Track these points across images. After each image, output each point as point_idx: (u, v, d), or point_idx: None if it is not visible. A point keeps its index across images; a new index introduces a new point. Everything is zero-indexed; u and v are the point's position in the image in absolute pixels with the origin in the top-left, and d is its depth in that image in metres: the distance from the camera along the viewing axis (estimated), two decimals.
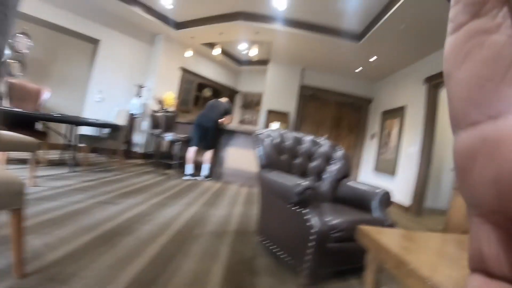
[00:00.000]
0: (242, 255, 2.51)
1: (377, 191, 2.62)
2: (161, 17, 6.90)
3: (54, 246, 2.05)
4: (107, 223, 2.65)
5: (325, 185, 2.99)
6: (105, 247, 2.17)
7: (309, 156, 3.09)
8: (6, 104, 4.59)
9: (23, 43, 5.52)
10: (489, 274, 0.16)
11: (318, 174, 3.05)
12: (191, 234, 2.76)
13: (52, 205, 2.84)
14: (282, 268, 2.35)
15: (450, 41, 0.17)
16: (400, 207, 5.87)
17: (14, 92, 4.74)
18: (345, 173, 3.07)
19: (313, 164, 3.07)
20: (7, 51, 5.27)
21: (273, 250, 2.50)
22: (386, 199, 2.59)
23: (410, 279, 1.17)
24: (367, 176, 8.10)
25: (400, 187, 5.91)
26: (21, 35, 5.48)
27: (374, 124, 8.29)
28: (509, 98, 0.14)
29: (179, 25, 7.22)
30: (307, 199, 2.12)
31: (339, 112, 8.77)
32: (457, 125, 0.17)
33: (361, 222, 1.82)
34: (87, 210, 2.87)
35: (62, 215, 2.64)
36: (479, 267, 0.17)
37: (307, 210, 2.13)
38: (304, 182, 2.18)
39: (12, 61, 5.42)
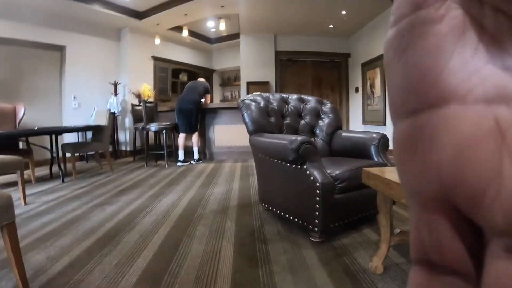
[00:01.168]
0: (249, 226, 2.46)
1: (374, 135, 2.57)
2: (122, 10, 6.58)
3: (57, 257, 1.96)
4: (106, 223, 2.57)
5: (319, 140, 2.92)
6: (109, 247, 2.09)
7: (298, 114, 3.01)
8: None
9: None
10: (431, 264, 0.15)
11: (311, 130, 2.98)
12: (193, 217, 2.69)
13: (48, 218, 2.74)
14: (293, 231, 2.31)
15: (391, 32, 0.16)
16: None
17: None
18: (337, 125, 3.00)
19: (304, 121, 2.99)
20: None
21: (280, 215, 2.45)
22: (384, 142, 2.54)
23: None
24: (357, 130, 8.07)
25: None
26: None
27: (355, 78, 8.24)
28: (450, 86, 0.14)
29: (142, 15, 6.92)
30: (305, 154, 2.06)
31: (319, 72, 8.70)
32: (396, 115, 0.16)
33: (363, 168, 1.77)
34: (84, 216, 2.78)
35: (60, 225, 2.55)
36: (421, 257, 0.16)
37: (306, 166, 2.07)
38: (299, 137, 2.11)
39: None
